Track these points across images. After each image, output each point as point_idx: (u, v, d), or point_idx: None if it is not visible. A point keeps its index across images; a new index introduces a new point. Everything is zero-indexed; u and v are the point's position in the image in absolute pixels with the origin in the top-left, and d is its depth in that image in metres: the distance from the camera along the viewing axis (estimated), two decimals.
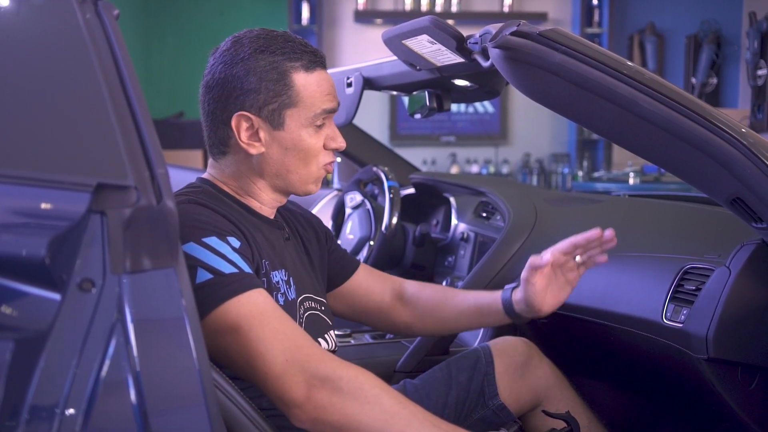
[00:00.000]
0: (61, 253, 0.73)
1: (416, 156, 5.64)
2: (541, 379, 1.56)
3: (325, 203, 2.73)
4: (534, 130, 6.20)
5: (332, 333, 1.37)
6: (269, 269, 1.22)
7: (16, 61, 0.88)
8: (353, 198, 2.42)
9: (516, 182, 5.39)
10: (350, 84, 1.89)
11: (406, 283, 1.56)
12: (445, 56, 1.36)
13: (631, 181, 4.75)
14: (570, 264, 1.37)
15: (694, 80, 5.80)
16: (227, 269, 1.10)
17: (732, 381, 1.30)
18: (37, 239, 0.73)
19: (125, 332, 0.74)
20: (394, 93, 1.93)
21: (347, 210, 2.46)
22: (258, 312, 1.08)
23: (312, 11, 5.98)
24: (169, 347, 0.77)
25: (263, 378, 1.06)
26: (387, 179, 2.31)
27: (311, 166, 1.27)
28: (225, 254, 1.11)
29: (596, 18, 6.10)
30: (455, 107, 5.73)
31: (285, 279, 1.26)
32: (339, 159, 2.81)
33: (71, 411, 0.72)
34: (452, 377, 1.52)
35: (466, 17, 6.02)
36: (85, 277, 0.74)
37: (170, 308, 0.77)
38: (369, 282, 1.53)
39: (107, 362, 0.73)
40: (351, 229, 2.40)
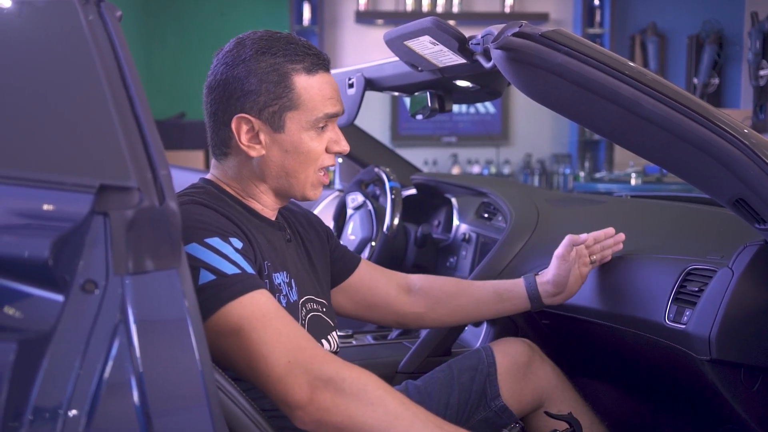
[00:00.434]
0: (64, 255, 0.73)
1: (417, 157, 5.64)
2: (543, 380, 1.56)
3: (327, 204, 2.73)
4: (535, 131, 6.20)
5: (335, 334, 1.36)
6: (271, 271, 1.22)
7: (20, 63, 0.88)
8: (355, 199, 2.42)
9: (517, 183, 5.38)
10: (352, 85, 1.89)
11: (412, 277, 1.58)
12: (447, 57, 1.36)
13: (633, 182, 4.74)
14: (585, 258, 1.52)
15: (696, 81, 5.79)
16: (230, 270, 1.09)
17: (735, 382, 1.29)
18: (40, 240, 0.73)
19: (128, 333, 0.74)
20: (396, 94, 1.93)
21: (349, 211, 2.46)
22: (261, 313, 1.07)
23: (313, 12, 5.98)
24: (172, 348, 0.77)
25: (266, 379, 1.05)
26: (388, 180, 2.31)
27: (311, 170, 1.27)
28: (227, 255, 1.11)
29: (598, 18, 6.10)
30: (456, 108, 5.72)
31: (286, 281, 1.26)
32: (340, 160, 2.81)
33: (74, 412, 0.71)
34: (454, 378, 1.52)
35: (468, 18, 6.02)
36: (88, 279, 0.74)
37: (173, 309, 0.77)
38: (373, 276, 1.53)
39: (110, 363, 0.73)
40: (353, 230, 2.40)
